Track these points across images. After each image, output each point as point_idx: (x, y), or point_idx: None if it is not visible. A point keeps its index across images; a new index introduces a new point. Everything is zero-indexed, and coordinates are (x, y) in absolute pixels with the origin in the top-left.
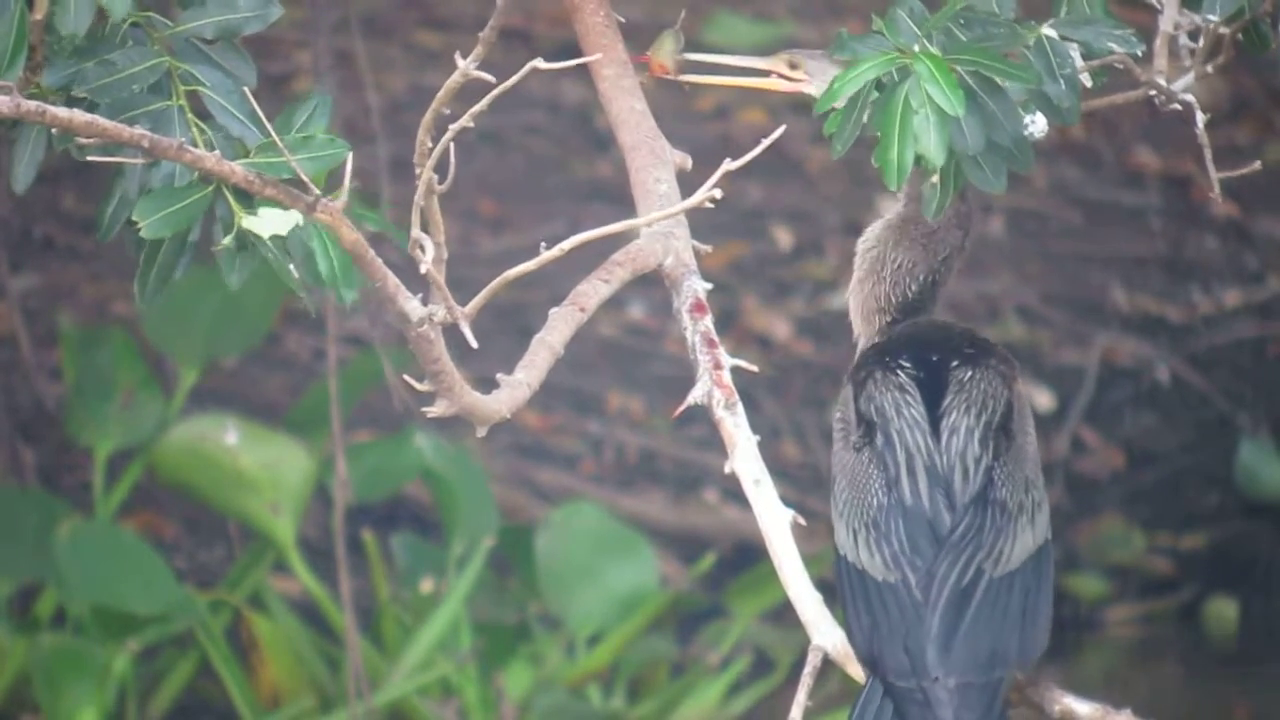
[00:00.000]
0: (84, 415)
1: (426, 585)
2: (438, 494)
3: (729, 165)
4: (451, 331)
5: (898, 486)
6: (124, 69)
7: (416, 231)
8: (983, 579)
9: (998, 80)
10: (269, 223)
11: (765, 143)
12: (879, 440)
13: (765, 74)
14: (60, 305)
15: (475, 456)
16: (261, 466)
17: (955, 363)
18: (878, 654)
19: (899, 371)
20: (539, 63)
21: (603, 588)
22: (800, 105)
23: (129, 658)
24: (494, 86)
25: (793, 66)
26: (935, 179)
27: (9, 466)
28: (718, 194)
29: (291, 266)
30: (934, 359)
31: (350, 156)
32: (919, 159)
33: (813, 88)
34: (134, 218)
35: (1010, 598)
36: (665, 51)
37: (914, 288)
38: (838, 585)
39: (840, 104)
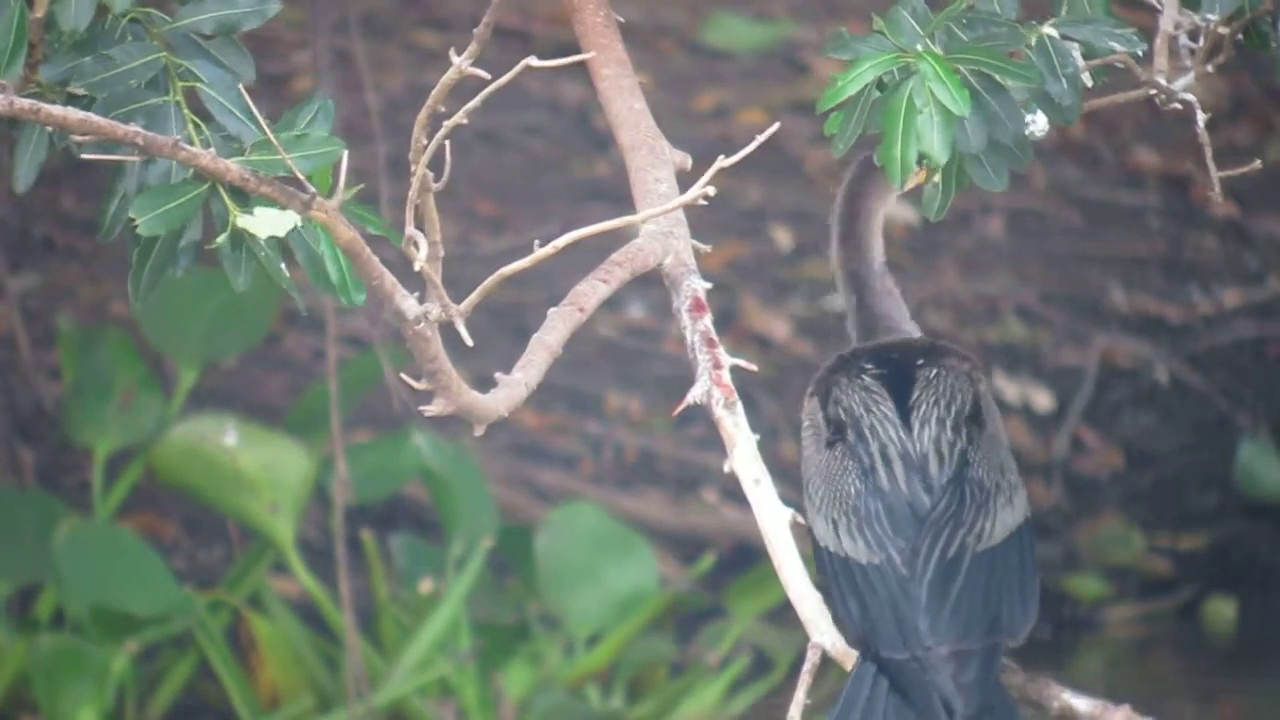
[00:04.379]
0: (83, 415)
1: (426, 585)
2: (437, 494)
3: (722, 162)
4: (450, 331)
5: (874, 474)
6: (122, 64)
7: (410, 229)
8: (967, 553)
9: (1000, 80)
10: (266, 223)
11: (759, 139)
12: (851, 436)
13: None
14: (59, 305)
15: (474, 457)
16: (261, 467)
17: (919, 361)
18: (869, 632)
19: (863, 375)
20: (533, 60)
21: (602, 588)
22: (799, 105)
23: (128, 658)
24: (490, 84)
25: None
26: (937, 179)
27: (8, 467)
28: (710, 191)
29: (283, 265)
30: (895, 358)
31: (346, 155)
32: (923, 157)
33: None
34: (131, 214)
35: (996, 571)
36: None
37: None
38: (821, 577)
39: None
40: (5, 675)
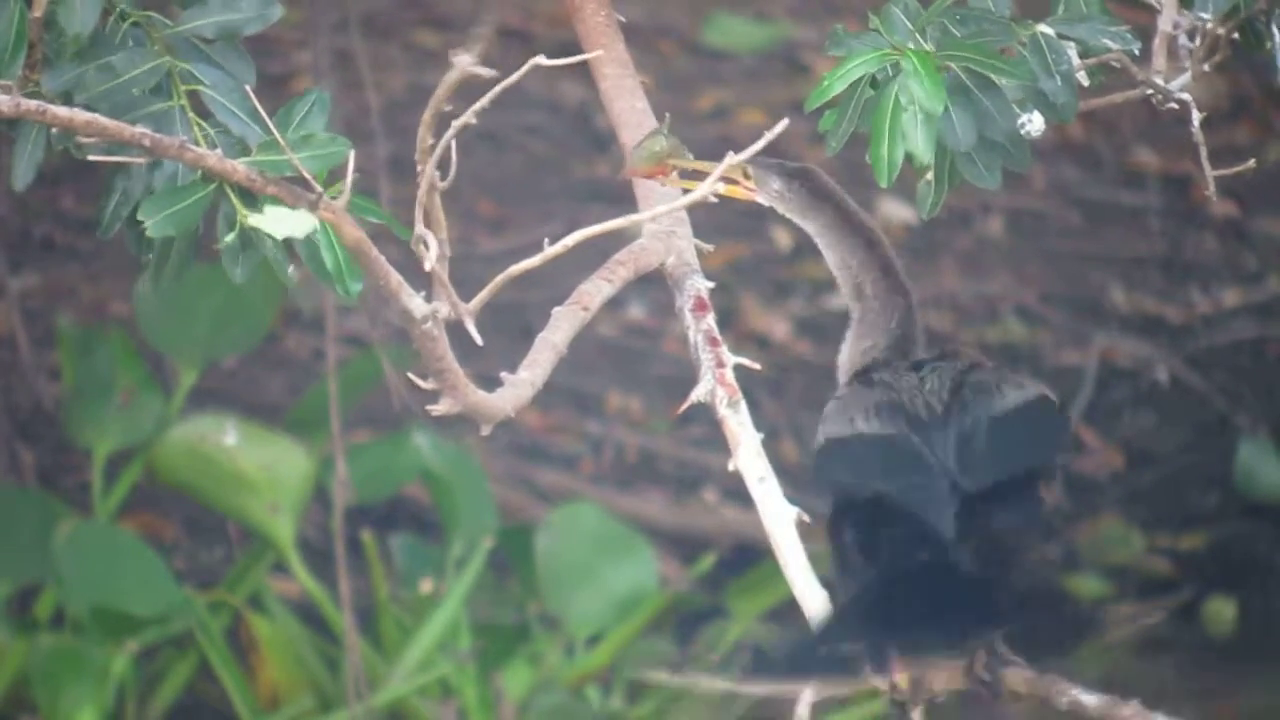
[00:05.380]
0: (83, 415)
1: (426, 586)
2: (437, 494)
3: (731, 159)
4: (454, 331)
5: (895, 397)
6: (124, 73)
7: (420, 228)
8: (983, 421)
9: (990, 76)
10: (279, 223)
11: (768, 136)
12: (876, 386)
13: (734, 181)
14: (59, 305)
15: (474, 457)
16: (261, 467)
17: (936, 354)
18: (858, 480)
19: (894, 366)
20: (541, 59)
21: (602, 588)
22: (799, 105)
23: (128, 658)
24: (493, 84)
25: (746, 175)
26: (929, 176)
27: (8, 467)
28: (721, 188)
29: (291, 269)
30: (920, 357)
31: (351, 155)
32: (908, 156)
33: (761, 196)
34: (139, 217)
35: (1016, 426)
36: (650, 156)
37: (882, 354)
38: (818, 466)
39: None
40: (5, 675)
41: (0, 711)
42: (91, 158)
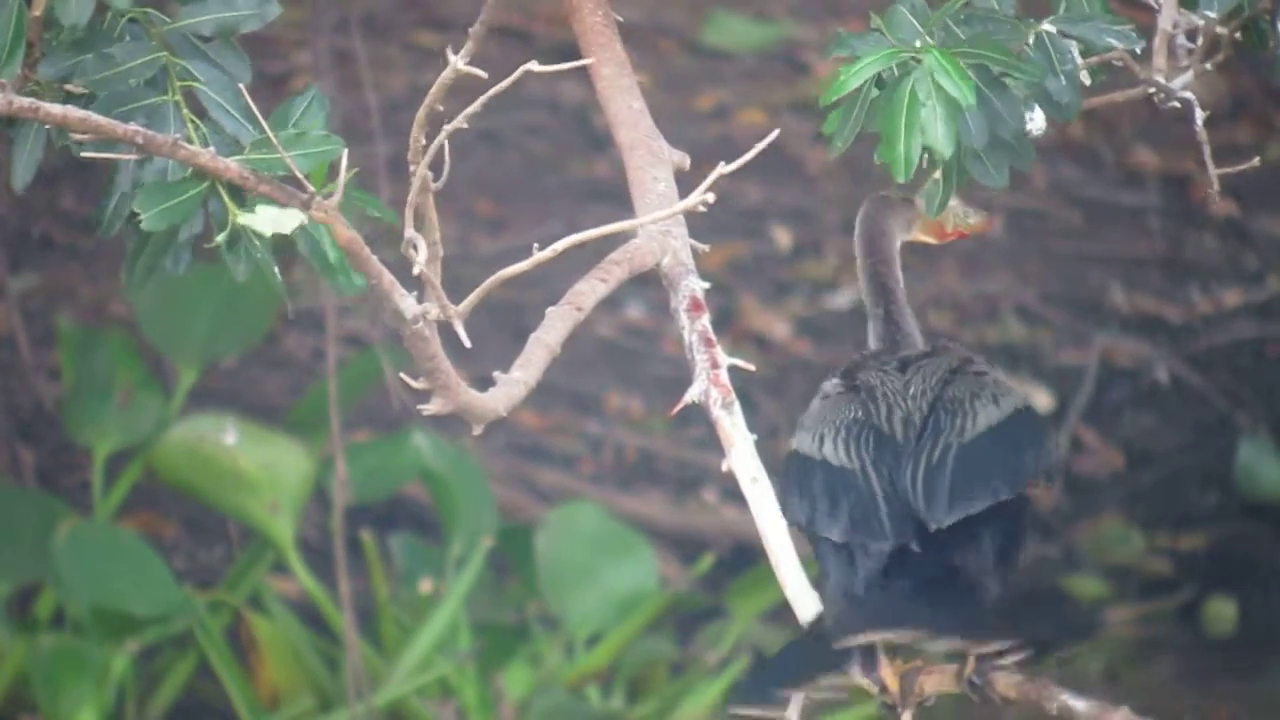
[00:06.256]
0: (83, 415)
1: (425, 585)
2: (437, 494)
3: (724, 168)
4: (449, 331)
5: (875, 414)
6: (122, 62)
7: (410, 231)
8: (951, 449)
9: (1001, 75)
10: (268, 221)
11: (761, 144)
12: (862, 393)
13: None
14: (59, 305)
15: (474, 457)
16: (261, 467)
17: (928, 349)
18: (811, 517)
19: (884, 368)
20: (533, 65)
21: (602, 588)
22: (799, 105)
23: (128, 658)
24: (489, 84)
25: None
26: (938, 175)
27: (8, 467)
28: (710, 198)
29: (276, 269)
30: (906, 354)
31: (345, 153)
32: (927, 151)
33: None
34: (135, 208)
35: (986, 448)
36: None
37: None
38: (783, 478)
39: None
40: (5, 675)
41: (0, 711)
42: (86, 155)
